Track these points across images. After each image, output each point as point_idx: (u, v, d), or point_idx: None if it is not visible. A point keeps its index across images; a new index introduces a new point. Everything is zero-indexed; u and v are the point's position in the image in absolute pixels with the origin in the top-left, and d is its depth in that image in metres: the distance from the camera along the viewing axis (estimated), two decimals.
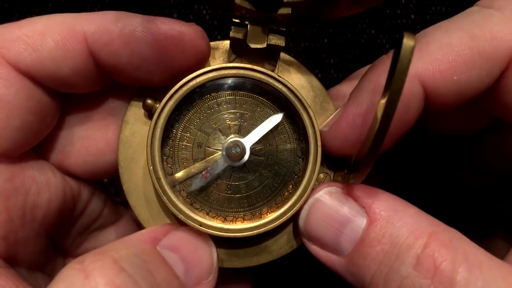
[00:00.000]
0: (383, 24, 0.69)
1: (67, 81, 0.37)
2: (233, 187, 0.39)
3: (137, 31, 0.35)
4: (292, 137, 0.40)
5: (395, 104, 0.26)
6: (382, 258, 0.32)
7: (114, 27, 0.35)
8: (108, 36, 0.35)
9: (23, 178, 0.37)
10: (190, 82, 0.38)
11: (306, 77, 0.41)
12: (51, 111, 0.38)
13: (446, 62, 0.33)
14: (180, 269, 0.34)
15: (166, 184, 0.37)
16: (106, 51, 0.36)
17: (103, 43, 0.35)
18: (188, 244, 0.36)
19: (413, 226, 0.32)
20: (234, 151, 0.39)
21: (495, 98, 0.35)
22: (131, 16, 0.36)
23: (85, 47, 0.35)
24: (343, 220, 0.34)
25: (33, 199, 0.37)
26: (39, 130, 0.38)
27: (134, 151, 0.40)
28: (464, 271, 0.30)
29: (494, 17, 0.34)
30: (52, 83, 0.36)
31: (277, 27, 0.38)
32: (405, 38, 0.25)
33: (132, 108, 0.40)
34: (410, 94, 0.34)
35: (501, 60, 0.33)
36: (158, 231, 0.36)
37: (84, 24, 0.35)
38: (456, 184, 0.50)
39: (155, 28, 0.35)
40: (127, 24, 0.35)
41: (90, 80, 0.38)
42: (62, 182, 0.41)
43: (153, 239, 0.34)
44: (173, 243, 0.35)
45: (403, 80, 0.25)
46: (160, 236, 0.35)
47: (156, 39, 0.35)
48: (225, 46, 0.41)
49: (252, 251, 0.39)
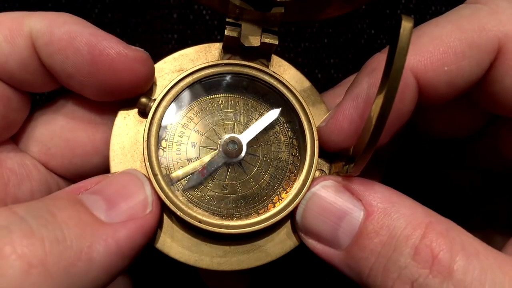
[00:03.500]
0: (383, 24, 0.70)
1: (17, 76, 0.37)
2: (230, 187, 0.39)
3: (76, 40, 0.35)
4: (287, 135, 0.40)
5: (397, 83, 0.27)
6: (380, 249, 0.32)
7: (57, 30, 0.36)
8: (49, 37, 0.36)
9: (0, 169, 0.37)
10: (186, 79, 0.39)
11: (297, 78, 0.42)
12: (16, 97, 0.38)
13: (437, 53, 0.34)
14: (101, 208, 0.33)
15: (163, 180, 0.37)
16: (44, 51, 0.36)
17: (43, 42, 0.36)
18: (115, 183, 0.35)
19: (410, 217, 0.32)
20: (231, 147, 0.39)
21: (485, 90, 0.36)
22: (81, 24, 0.37)
23: (30, 42, 0.36)
24: (340, 213, 0.34)
25: (14, 190, 0.38)
26: (6, 116, 0.38)
27: (127, 152, 0.39)
28: (461, 260, 0.30)
29: (481, 11, 0.35)
30: (3, 76, 0.37)
31: (271, 27, 0.38)
32: (404, 19, 0.26)
33: (123, 108, 0.40)
34: (404, 85, 0.34)
35: (489, 50, 0.34)
36: (88, 181, 0.35)
37: (33, 21, 0.36)
38: (452, 184, 0.51)
39: (95, 41, 0.36)
40: (71, 30, 0.36)
41: (39, 79, 0.38)
42: (46, 176, 0.41)
43: (77, 188, 0.34)
44: (98, 187, 0.34)
45: (404, 59, 0.26)
46: (88, 185, 0.34)
47: (91, 52, 0.36)
48: (218, 47, 0.41)
49: (250, 252, 0.39)
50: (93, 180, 0.35)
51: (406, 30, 0.26)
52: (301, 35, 0.69)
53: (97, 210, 0.32)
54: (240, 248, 0.38)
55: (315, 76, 0.68)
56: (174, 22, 0.67)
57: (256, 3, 0.37)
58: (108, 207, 0.33)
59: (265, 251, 0.38)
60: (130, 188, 0.35)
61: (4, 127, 0.38)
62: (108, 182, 0.35)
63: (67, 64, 0.36)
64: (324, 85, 0.41)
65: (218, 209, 0.39)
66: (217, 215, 0.38)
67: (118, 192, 0.34)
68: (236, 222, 0.37)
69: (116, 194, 0.34)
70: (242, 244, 0.38)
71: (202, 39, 0.68)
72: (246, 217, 0.38)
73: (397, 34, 0.26)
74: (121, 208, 0.33)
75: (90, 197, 0.33)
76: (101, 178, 0.35)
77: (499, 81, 0.35)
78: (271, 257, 0.38)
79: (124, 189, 0.35)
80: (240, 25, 0.38)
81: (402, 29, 0.26)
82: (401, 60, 0.26)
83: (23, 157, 0.40)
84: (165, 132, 0.39)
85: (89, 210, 0.32)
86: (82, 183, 0.35)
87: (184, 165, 0.39)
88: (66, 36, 0.35)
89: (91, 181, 0.35)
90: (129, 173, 0.36)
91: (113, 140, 0.39)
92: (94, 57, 0.36)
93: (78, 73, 0.36)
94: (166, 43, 0.67)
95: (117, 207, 0.33)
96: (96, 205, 0.32)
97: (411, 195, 0.35)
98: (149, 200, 0.35)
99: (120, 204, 0.34)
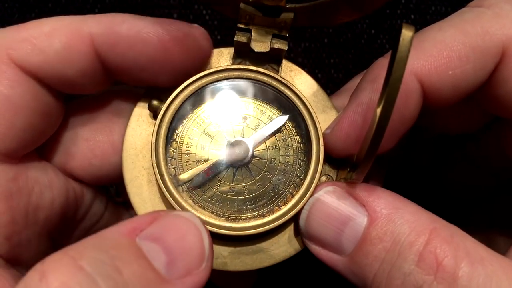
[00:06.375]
0: (383, 24, 0.69)
1: (73, 82, 0.37)
2: (236, 189, 0.39)
3: (143, 32, 0.35)
4: (295, 139, 0.40)
5: (395, 92, 0.26)
6: (384, 256, 0.32)
7: (120, 28, 0.36)
8: (115, 37, 0.35)
9: (26, 178, 0.37)
10: (196, 83, 0.39)
11: (308, 82, 0.42)
12: (56, 112, 0.38)
13: (441, 58, 0.34)
14: (161, 261, 0.30)
15: (170, 182, 0.37)
16: (113, 52, 0.36)
17: (110, 44, 0.36)
18: (174, 231, 0.32)
19: (414, 223, 0.32)
20: (238, 151, 0.39)
21: (489, 93, 0.36)
22: (137, 18, 0.36)
23: (91, 48, 0.36)
24: (344, 219, 0.34)
25: (36, 200, 0.37)
26: (43, 131, 0.38)
27: (139, 152, 0.40)
28: (466, 266, 0.30)
29: (484, 14, 0.35)
30: (58, 84, 0.37)
31: (280, 32, 0.39)
32: (404, 28, 0.26)
33: (137, 109, 0.40)
34: (408, 90, 0.34)
35: (493, 54, 0.34)
36: (141, 220, 0.32)
37: (91, 26, 0.36)
38: (455, 184, 0.51)
39: (160, 29, 0.36)
40: (133, 25, 0.36)
41: (95, 81, 0.38)
42: (65, 184, 0.41)
43: (132, 229, 0.31)
44: (156, 232, 0.31)
45: (403, 68, 0.26)
46: (142, 225, 0.31)
47: (161, 40, 0.36)
48: (230, 52, 0.42)
49: (255, 254, 0.39)
50: (147, 219, 0.32)
51: (406, 39, 0.26)
52: (301, 35, 0.69)
53: (157, 263, 0.30)
54: (244, 249, 0.38)
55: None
56: None
57: (266, 9, 0.37)
58: (168, 261, 0.31)
59: (269, 253, 0.39)
60: (190, 239, 0.32)
61: (37, 140, 0.38)
62: (165, 227, 0.32)
63: (139, 58, 0.36)
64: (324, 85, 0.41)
65: (224, 211, 0.39)
66: (223, 217, 0.39)
67: (178, 243, 0.32)
68: (240, 224, 0.37)
69: (176, 246, 0.31)
70: (246, 245, 0.39)
71: None
72: (251, 219, 0.38)
73: (397, 43, 0.26)
74: (180, 262, 0.31)
75: (151, 247, 0.30)
76: (154, 216, 0.32)
77: (503, 84, 0.35)
78: (275, 260, 0.39)
79: (184, 240, 0.32)
80: (251, 30, 0.39)
81: (402, 38, 0.26)
82: (400, 70, 0.26)
83: (45, 165, 0.40)
84: (175, 134, 0.40)
85: (151, 264, 0.30)
86: (135, 222, 0.32)
87: (193, 166, 0.39)
88: (132, 32, 0.35)
89: (145, 220, 0.32)
90: (187, 219, 0.34)
91: (126, 141, 0.40)
92: (165, 43, 0.36)
93: (151, 63, 0.36)
94: None
95: (177, 261, 0.31)
96: (157, 257, 0.30)
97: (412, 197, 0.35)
98: (206, 254, 0.33)
99: (180, 258, 0.31)
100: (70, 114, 0.41)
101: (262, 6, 0.37)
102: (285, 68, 0.42)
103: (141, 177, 0.39)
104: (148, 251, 0.30)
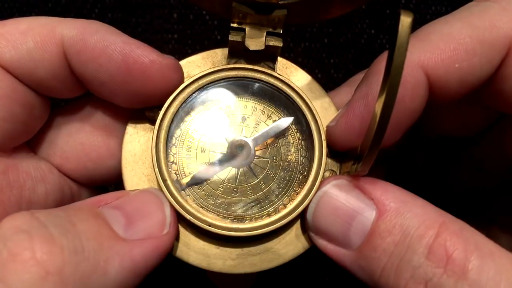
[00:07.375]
0: (383, 24, 0.70)
1: (45, 83, 0.37)
2: (240, 190, 0.39)
3: (110, 48, 0.35)
4: (296, 136, 0.40)
5: (398, 79, 0.26)
6: (393, 249, 0.32)
7: (90, 38, 0.35)
8: (82, 45, 0.35)
9: (17, 172, 0.37)
10: (192, 85, 0.39)
11: (305, 79, 0.42)
12: (38, 105, 0.38)
13: (448, 50, 0.34)
14: (120, 223, 0.32)
15: (173, 186, 0.37)
16: (76, 59, 0.36)
17: (76, 50, 0.35)
18: (135, 201, 0.35)
19: (423, 216, 0.32)
20: (239, 151, 0.39)
21: (495, 88, 0.36)
22: (112, 32, 0.36)
23: (60, 50, 0.36)
24: (351, 212, 0.34)
25: (29, 194, 0.37)
26: (26, 123, 0.38)
27: (138, 159, 0.39)
28: (476, 260, 0.30)
29: (492, 8, 0.35)
30: (31, 82, 0.37)
31: (274, 29, 0.39)
32: (402, 14, 0.25)
33: (135, 115, 0.40)
34: (415, 82, 0.34)
35: (500, 47, 0.34)
36: (108, 196, 0.35)
37: (64, 28, 0.36)
38: (456, 184, 0.51)
39: (129, 50, 0.35)
40: (103, 38, 0.35)
41: (67, 85, 0.38)
42: (59, 179, 0.40)
43: (97, 201, 0.34)
44: (118, 203, 0.34)
45: (404, 54, 0.26)
46: (108, 200, 0.34)
47: (126, 60, 0.35)
48: (224, 52, 0.41)
49: (263, 254, 0.38)
50: (114, 194, 0.35)
51: (405, 25, 0.25)
52: (301, 35, 0.69)
53: (116, 225, 0.32)
54: (252, 250, 0.38)
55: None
56: (174, 22, 0.67)
57: (258, 7, 0.37)
58: (127, 223, 0.33)
59: (277, 253, 0.38)
60: (150, 207, 0.35)
61: (23, 133, 0.38)
62: (128, 199, 0.35)
63: (100, 72, 0.36)
64: (324, 85, 0.41)
65: (229, 213, 0.38)
66: (228, 218, 0.38)
67: (138, 209, 0.34)
68: (246, 225, 0.37)
69: (135, 212, 0.34)
70: (254, 246, 0.38)
71: (202, 39, 0.68)
72: (257, 219, 0.38)
73: (396, 30, 0.26)
74: (139, 226, 0.33)
75: (110, 212, 0.33)
76: (121, 194, 0.35)
77: (509, 79, 0.35)
78: (283, 259, 0.38)
79: (144, 207, 0.35)
80: (244, 29, 0.39)
81: (401, 24, 0.25)
82: (401, 56, 0.26)
83: (38, 161, 0.40)
84: (174, 138, 0.39)
85: (109, 224, 0.32)
86: (103, 196, 0.34)
87: (195, 170, 0.39)
88: (100, 45, 0.35)
89: (112, 196, 0.35)
90: (150, 192, 0.36)
91: (124, 148, 0.39)
92: (128, 65, 0.35)
93: (111, 81, 0.36)
94: (166, 43, 0.66)
95: (136, 225, 0.33)
96: (116, 220, 0.32)
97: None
98: (167, 221, 0.35)
99: (139, 222, 0.34)
100: (66, 117, 0.41)
101: (254, 4, 0.37)
102: (281, 66, 0.42)
103: (142, 184, 0.39)
104: (108, 215, 0.32)
